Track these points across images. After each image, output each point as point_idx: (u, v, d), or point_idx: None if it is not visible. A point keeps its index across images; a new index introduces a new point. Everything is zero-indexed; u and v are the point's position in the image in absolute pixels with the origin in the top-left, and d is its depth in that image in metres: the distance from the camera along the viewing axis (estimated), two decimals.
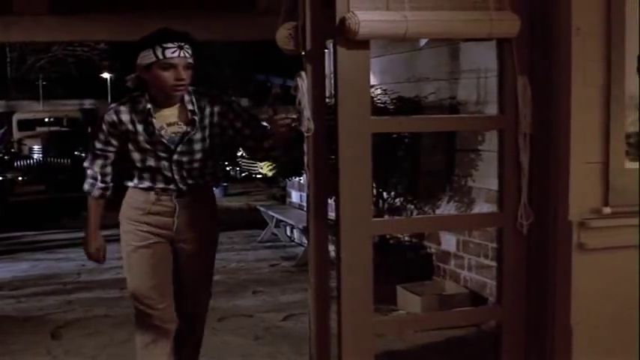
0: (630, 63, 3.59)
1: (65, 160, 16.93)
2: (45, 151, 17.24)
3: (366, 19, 3.31)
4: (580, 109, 3.53)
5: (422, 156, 6.50)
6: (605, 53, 3.55)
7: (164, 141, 3.88)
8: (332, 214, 3.50)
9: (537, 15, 3.56)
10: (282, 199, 11.16)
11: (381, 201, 6.51)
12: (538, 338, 3.72)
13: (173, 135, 3.88)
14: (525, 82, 3.56)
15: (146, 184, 3.94)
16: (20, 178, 16.30)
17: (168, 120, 3.87)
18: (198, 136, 3.90)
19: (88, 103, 29.50)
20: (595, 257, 3.61)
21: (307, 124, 3.44)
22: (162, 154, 3.88)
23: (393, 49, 7.12)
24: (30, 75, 30.46)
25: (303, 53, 3.47)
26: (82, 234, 4.26)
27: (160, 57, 3.72)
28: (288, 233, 9.89)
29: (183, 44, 3.76)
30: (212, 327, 4.25)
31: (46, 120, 20.49)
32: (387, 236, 6.43)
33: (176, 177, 3.92)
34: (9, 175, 15.68)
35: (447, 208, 6.29)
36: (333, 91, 3.43)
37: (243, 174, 16.52)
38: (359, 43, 3.38)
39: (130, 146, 3.90)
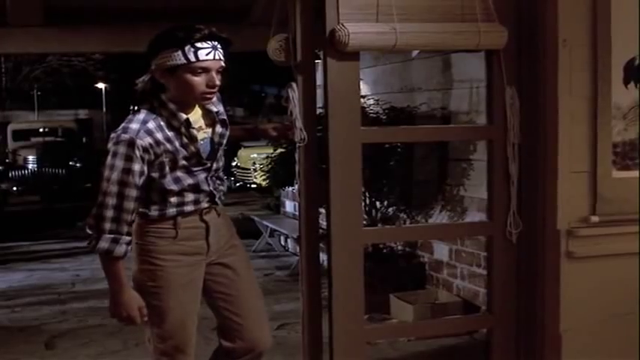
0: (616, 74, 3.64)
1: (60, 171, 16.91)
2: (39, 162, 17.22)
3: (355, 31, 3.36)
4: (567, 120, 3.59)
5: (414, 165, 6.54)
6: (591, 64, 3.60)
7: (200, 152, 3.19)
8: (324, 224, 3.54)
9: (524, 27, 3.62)
10: (277, 208, 11.18)
11: (374, 210, 6.54)
12: (528, 345, 3.75)
13: (202, 142, 3.20)
14: (513, 92, 3.61)
15: (188, 207, 3.20)
16: (15, 189, 16.29)
17: (196, 126, 3.22)
18: (224, 140, 3.31)
19: (82, 114, 29.54)
20: (583, 265, 3.66)
21: (299, 134, 3.48)
22: (198, 167, 3.20)
23: (385, 59, 7.17)
24: (25, 85, 30.46)
25: (293, 65, 3.51)
26: (76, 244, 4.24)
27: (192, 59, 3.02)
28: (282, 243, 9.91)
29: (217, 44, 3.09)
30: (205, 336, 4.25)
31: (41, 130, 20.48)
32: (381, 245, 6.47)
33: (213, 190, 3.27)
34: (3, 186, 15.70)
35: (439, 217, 6.32)
36: (324, 102, 3.47)
37: (238, 184, 16.54)
38: (349, 54, 3.43)
39: (165, 170, 3.12)
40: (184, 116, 3.12)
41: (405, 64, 6.92)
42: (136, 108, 3.25)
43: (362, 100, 5.26)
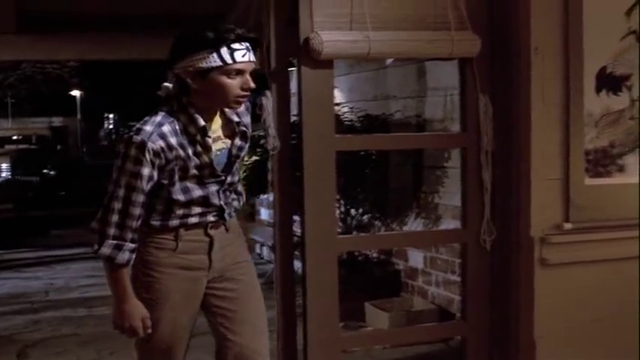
0: (589, 82, 3.67)
1: (34, 179, 16.83)
2: (13, 169, 17.13)
3: (329, 39, 3.37)
4: (540, 127, 3.61)
5: (389, 173, 6.55)
6: (563, 72, 3.63)
7: (214, 163, 3.00)
8: (299, 231, 3.54)
9: (497, 35, 3.64)
10: (252, 216, 11.16)
11: (349, 218, 6.55)
12: (502, 352, 3.77)
13: (218, 153, 3.02)
14: (486, 100, 3.63)
15: (192, 220, 3.01)
16: None
17: (214, 135, 3.03)
18: (243, 152, 3.12)
19: (57, 121, 29.35)
20: (557, 272, 3.68)
21: (272, 142, 3.48)
22: (210, 179, 3.00)
23: (360, 67, 7.18)
24: None
25: (268, 72, 3.51)
26: (50, 252, 4.15)
27: (229, 61, 2.84)
28: (258, 251, 9.89)
29: (249, 45, 2.92)
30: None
31: (15, 138, 20.39)
32: (356, 253, 6.47)
33: (223, 204, 3.06)
34: None
35: (414, 225, 6.33)
36: (298, 110, 3.48)
37: None
38: (323, 62, 3.44)
39: (174, 178, 2.94)
40: (202, 123, 2.92)
41: (379, 71, 6.93)
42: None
43: (336, 107, 5.27)
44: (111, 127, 32.51)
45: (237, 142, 3.06)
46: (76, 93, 31.73)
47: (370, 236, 5.73)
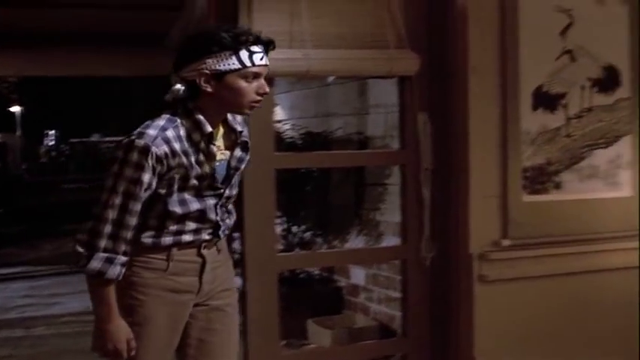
0: (525, 100, 3.72)
1: None
2: None
3: (268, 57, 3.36)
4: (478, 145, 3.65)
5: (331, 190, 6.56)
6: (500, 91, 3.68)
7: (215, 174, 2.82)
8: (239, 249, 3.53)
9: (436, 54, 3.68)
10: None
11: (290, 235, 6.54)
12: None
13: (217, 164, 2.84)
14: (425, 118, 3.66)
15: (186, 237, 2.79)
16: None
17: (216, 144, 2.85)
18: (243, 165, 2.93)
19: None
20: (496, 288, 3.71)
21: None
22: (209, 192, 2.82)
23: (301, 84, 7.19)
24: None
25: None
26: None
27: (248, 64, 2.69)
28: None
29: (264, 48, 2.76)
30: None
31: None
32: (297, 270, 6.45)
33: (219, 221, 2.86)
34: None
35: (355, 242, 6.34)
36: None
37: None
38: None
39: (172, 187, 2.73)
40: (209, 129, 2.73)
41: (321, 89, 6.94)
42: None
43: (278, 125, 5.27)
44: (51, 143, 32.11)
45: (238, 153, 2.88)
46: (15, 109, 31.31)
47: (311, 254, 5.73)
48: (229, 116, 2.84)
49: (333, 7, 3.56)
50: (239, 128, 2.86)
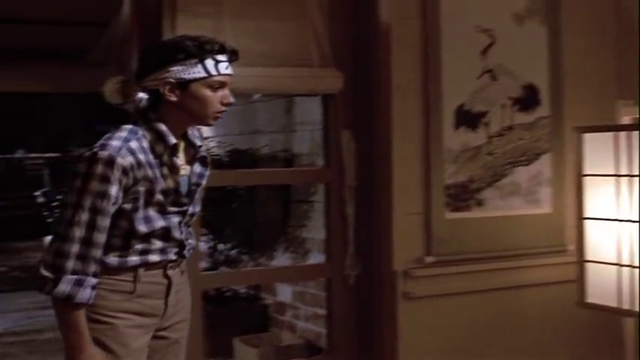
0: (448, 118, 3.77)
1: None
2: None
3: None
4: (401, 163, 3.68)
5: (257, 207, 6.54)
6: (423, 110, 3.73)
7: (179, 188, 2.68)
8: None
9: (360, 72, 3.71)
10: None
11: (216, 253, 6.49)
12: None
13: (181, 179, 2.70)
14: (349, 136, 3.68)
15: (153, 257, 2.63)
16: None
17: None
18: (203, 181, 2.80)
19: None
20: (420, 305, 3.74)
21: None
22: (173, 208, 2.66)
23: None
24: None
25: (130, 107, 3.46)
26: None
27: (213, 72, 2.59)
28: None
29: (229, 57, 2.68)
30: None
31: None
32: (224, 288, 6.41)
33: (184, 240, 2.71)
34: None
35: (282, 259, 6.33)
36: None
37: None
38: None
39: (138, 203, 2.57)
40: (174, 140, 2.60)
41: (247, 106, 6.93)
42: None
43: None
44: None
45: (197, 168, 2.75)
46: None
47: (235, 272, 5.72)
48: (189, 130, 2.72)
49: (257, 25, 3.56)
50: (198, 142, 2.75)
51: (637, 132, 3.40)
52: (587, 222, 3.62)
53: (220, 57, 2.60)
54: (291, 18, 3.61)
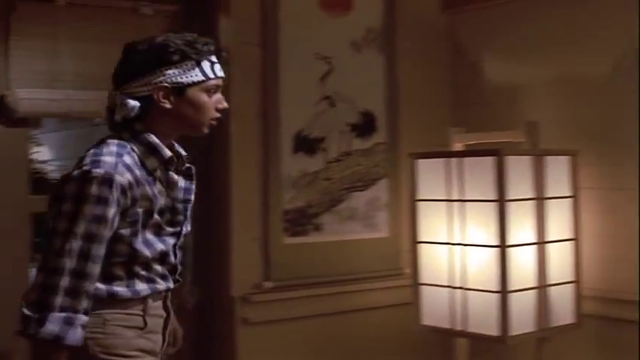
0: (286, 144, 3.80)
1: None
2: None
3: (26, 97, 3.28)
4: (240, 188, 3.69)
5: None
6: (262, 135, 3.76)
7: (176, 206, 2.37)
8: None
9: None
10: None
11: None
12: None
13: (175, 196, 2.40)
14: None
15: (159, 285, 2.31)
16: None
17: None
18: (191, 197, 2.47)
19: None
20: (258, 330, 3.74)
21: None
22: (169, 228, 2.35)
23: (71, 123, 7.00)
24: None
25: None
26: None
27: (211, 75, 2.31)
28: None
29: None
30: None
31: None
32: None
33: (178, 264, 2.40)
34: None
35: None
36: None
37: None
38: (19, 121, 3.32)
39: (137, 226, 2.23)
40: (168, 153, 2.30)
41: (92, 128, 6.79)
42: None
43: (43, 165, 5.10)
44: None
45: (182, 183, 2.41)
46: None
47: None
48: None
49: (97, 48, 3.50)
50: (183, 152, 2.44)
51: (468, 158, 3.52)
52: (421, 246, 3.72)
53: (214, 58, 2.35)
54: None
